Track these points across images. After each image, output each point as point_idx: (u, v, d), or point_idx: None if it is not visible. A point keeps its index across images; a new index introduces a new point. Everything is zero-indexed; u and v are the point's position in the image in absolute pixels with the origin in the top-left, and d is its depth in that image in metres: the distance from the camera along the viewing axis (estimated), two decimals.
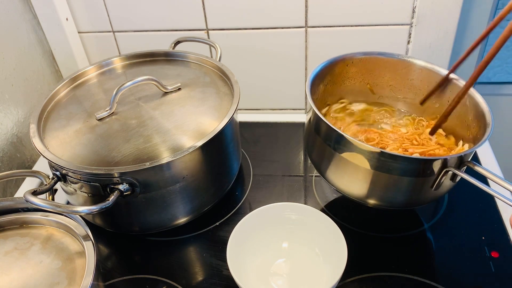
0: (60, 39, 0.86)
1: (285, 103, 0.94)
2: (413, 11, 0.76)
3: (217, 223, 0.66)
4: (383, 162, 0.51)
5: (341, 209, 0.67)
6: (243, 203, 0.69)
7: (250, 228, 0.58)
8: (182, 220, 0.63)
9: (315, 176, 0.73)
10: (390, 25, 0.78)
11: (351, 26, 0.79)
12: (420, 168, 0.51)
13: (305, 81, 0.89)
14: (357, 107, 0.71)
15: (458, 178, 0.54)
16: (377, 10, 0.77)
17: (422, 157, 0.57)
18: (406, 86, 0.68)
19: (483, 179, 0.50)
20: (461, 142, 0.61)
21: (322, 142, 0.57)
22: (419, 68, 0.66)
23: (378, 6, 0.76)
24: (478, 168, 0.51)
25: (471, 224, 0.63)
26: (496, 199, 0.66)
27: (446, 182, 0.53)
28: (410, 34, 0.79)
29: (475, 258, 0.58)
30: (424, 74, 0.66)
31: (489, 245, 0.60)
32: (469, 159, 0.52)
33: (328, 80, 0.67)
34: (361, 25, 0.79)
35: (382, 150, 0.50)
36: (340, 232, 0.55)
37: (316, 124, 0.58)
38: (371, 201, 0.57)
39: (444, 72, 0.63)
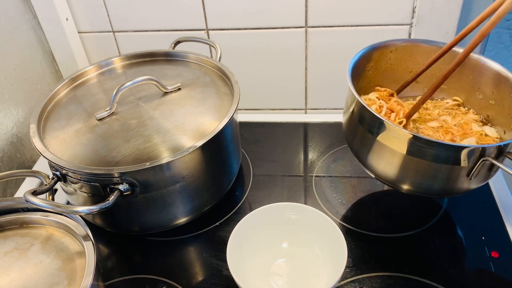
0: (60, 39, 0.86)
1: (285, 103, 0.94)
2: (413, 11, 0.76)
3: (217, 223, 0.66)
4: (420, 148, 0.51)
5: (341, 209, 0.67)
6: (243, 203, 0.69)
7: (250, 228, 0.58)
8: (182, 220, 0.63)
9: (315, 176, 0.73)
10: (390, 25, 0.78)
11: (351, 26, 0.79)
12: (455, 155, 0.50)
13: (305, 81, 0.89)
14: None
15: (496, 169, 0.53)
16: (377, 10, 0.77)
17: (458, 144, 0.56)
18: (451, 76, 0.64)
19: None
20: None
21: (364, 131, 0.56)
22: (466, 59, 0.62)
23: (378, 6, 0.76)
24: None
25: (471, 224, 0.63)
26: (496, 199, 0.66)
27: (483, 172, 0.52)
28: (410, 34, 0.79)
29: (475, 258, 0.59)
30: (471, 65, 0.63)
31: (489, 245, 0.60)
32: (509, 150, 0.50)
33: (370, 66, 0.66)
34: (361, 25, 0.79)
35: (418, 135, 0.50)
36: (340, 232, 0.55)
37: (360, 114, 0.57)
38: (408, 187, 0.57)
39: (490, 62, 0.61)
